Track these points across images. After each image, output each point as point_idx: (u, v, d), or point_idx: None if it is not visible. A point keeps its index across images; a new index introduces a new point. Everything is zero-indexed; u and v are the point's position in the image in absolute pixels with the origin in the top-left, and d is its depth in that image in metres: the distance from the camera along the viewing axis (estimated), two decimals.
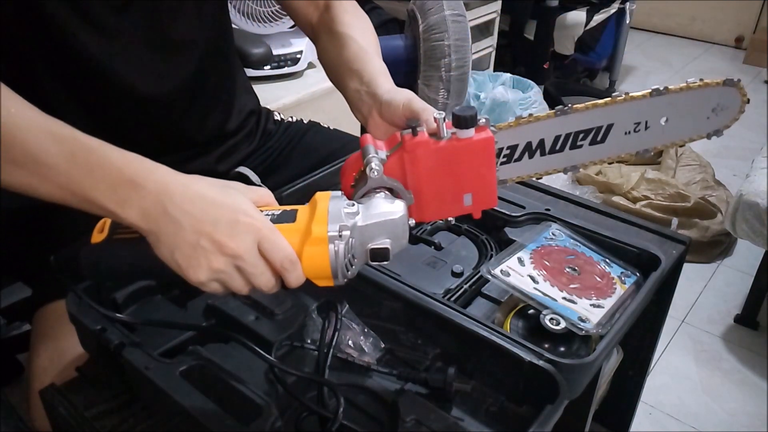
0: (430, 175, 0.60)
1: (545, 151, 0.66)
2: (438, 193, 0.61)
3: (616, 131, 0.66)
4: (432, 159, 0.60)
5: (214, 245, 0.53)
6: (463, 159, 0.60)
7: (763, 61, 3.54)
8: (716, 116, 0.67)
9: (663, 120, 0.66)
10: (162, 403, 0.60)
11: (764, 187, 1.57)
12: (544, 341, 0.68)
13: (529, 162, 0.66)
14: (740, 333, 1.79)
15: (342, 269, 0.56)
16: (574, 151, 0.66)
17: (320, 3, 0.90)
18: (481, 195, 0.62)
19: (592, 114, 0.65)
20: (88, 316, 0.66)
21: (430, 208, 0.62)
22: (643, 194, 2.13)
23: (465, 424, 0.61)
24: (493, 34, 2.69)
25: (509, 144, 0.65)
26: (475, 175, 0.61)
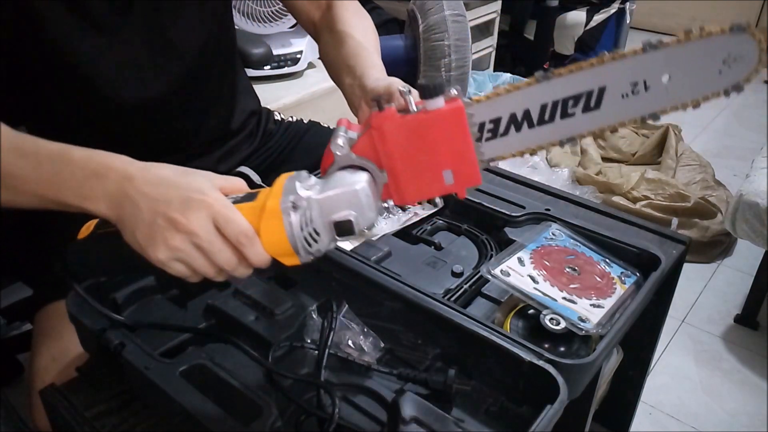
0: (402, 151, 0.58)
1: (533, 123, 0.59)
2: (414, 171, 0.58)
3: (611, 95, 0.58)
4: (401, 134, 0.57)
5: (168, 223, 0.54)
6: (434, 132, 0.57)
7: None
8: (729, 69, 0.57)
9: (665, 78, 0.57)
10: (162, 403, 0.60)
11: (764, 187, 1.57)
12: (544, 341, 0.68)
13: (518, 136, 0.60)
14: (740, 333, 1.78)
15: (302, 243, 0.55)
16: (566, 121, 0.59)
17: (322, 2, 0.91)
18: (461, 171, 0.59)
19: (578, 78, 0.58)
20: (88, 316, 0.66)
21: (409, 189, 0.59)
22: (643, 194, 2.12)
23: (465, 424, 0.61)
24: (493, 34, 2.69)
25: (491, 117, 0.60)
26: (450, 149, 0.58)
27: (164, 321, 0.70)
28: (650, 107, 0.58)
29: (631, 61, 0.57)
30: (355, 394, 0.63)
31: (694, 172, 2.31)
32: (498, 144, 0.60)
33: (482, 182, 0.61)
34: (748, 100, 3.24)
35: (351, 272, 0.74)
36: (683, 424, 1.50)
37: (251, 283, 0.72)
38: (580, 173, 2.26)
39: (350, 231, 0.56)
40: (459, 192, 0.60)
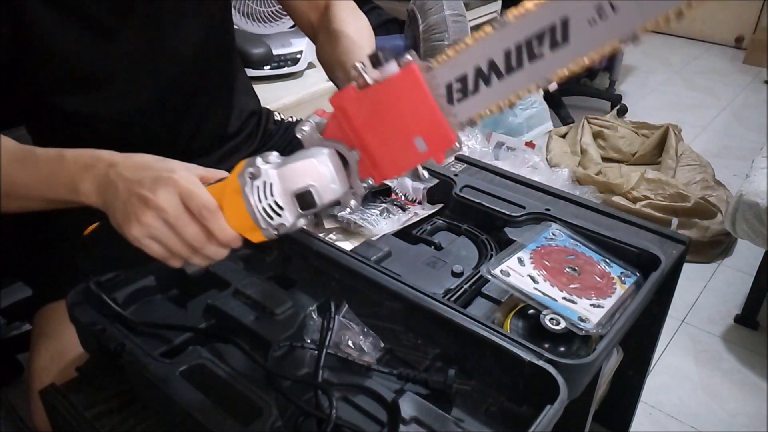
0: (368, 126, 0.57)
1: (501, 73, 0.55)
2: (385, 144, 0.57)
3: (577, 24, 0.53)
4: (361, 108, 0.56)
5: (140, 200, 0.57)
6: (393, 99, 0.55)
7: (763, 61, 3.54)
8: None
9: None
10: (162, 403, 0.60)
11: (764, 187, 1.57)
12: (544, 341, 0.68)
13: (489, 90, 0.56)
14: (740, 333, 1.78)
15: (262, 215, 0.56)
16: (536, 63, 0.54)
17: (320, 4, 0.92)
18: (432, 136, 0.56)
19: (534, 15, 0.53)
20: (88, 316, 0.66)
21: (384, 163, 0.58)
22: (643, 194, 2.12)
23: (465, 424, 0.61)
24: None
25: (456, 76, 0.56)
26: (414, 114, 0.56)
27: (164, 321, 0.70)
28: (624, 28, 0.52)
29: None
30: (354, 394, 0.63)
31: (694, 172, 2.31)
32: (471, 102, 0.57)
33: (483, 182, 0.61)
34: (748, 100, 3.25)
35: (351, 272, 0.74)
36: (683, 424, 1.50)
37: (251, 283, 0.72)
38: (580, 173, 2.26)
39: (311, 203, 0.57)
40: (435, 157, 0.57)
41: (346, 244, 0.84)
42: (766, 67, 3.49)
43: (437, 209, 0.93)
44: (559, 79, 0.55)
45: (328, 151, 0.57)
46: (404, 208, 0.92)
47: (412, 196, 0.95)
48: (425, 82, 0.55)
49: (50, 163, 0.66)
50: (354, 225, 0.86)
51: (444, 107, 0.56)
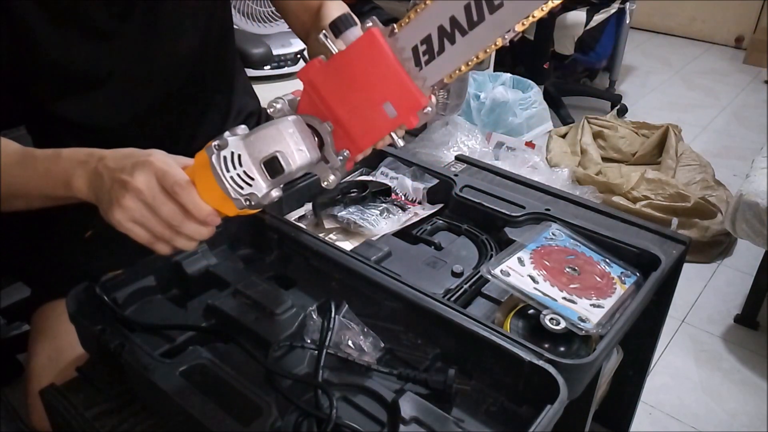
0: (337, 95, 0.57)
1: (465, 29, 0.55)
2: (355, 113, 0.57)
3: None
4: (328, 77, 0.57)
5: (120, 184, 0.59)
6: (357, 66, 0.55)
7: (763, 61, 3.54)
8: None
9: None
10: (162, 403, 0.60)
11: (764, 187, 1.57)
12: (544, 341, 0.68)
13: (455, 48, 0.56)
14: (740, 333, 1.79)
15: (232, 185, 0.57)
16: (497, 14, 0.53)
17: (313, 5, 0.94)
18: (400, 99, 0.56)
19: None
20: (88, 316, 0.66)
21: (357, 132, 0.58)
22: (643, 194, 2.12)
23: (465, 424, 0.61)
24: None
25: (421, 38, 0.56)
26: (379, 79, 0.55)
27: (164, 321, 0.70)
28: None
29: None
30: (354, 394, 0.63)
31: (694, 172, 2.31)
32: (439, 64, 0.56)
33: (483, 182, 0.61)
34: (748, 100, 3.25)
35: (351, 272, 0.74)
36: (683, 424, 1.50)
37: (251, 283, 0.72)
38: (580, 173, 2.26)
39: (279, 169, 0.57)
40: (406, 122, 0.57)
41: (346, 244, 0.84)
42: (766, 67, 3.49)
43: (437, 209, 0.93)
44: (523, 28, 0.53)
45: (293, 117, 0.58)
46: (404, 208, 0.92)
47: (412, 196, 0.95)
48: (388, 46, 0.55)
49: (47, 161, 0.68)
50: (354, 225, 0.86)
51: (411, 70, 0.56)
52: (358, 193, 0.91)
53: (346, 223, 0.86)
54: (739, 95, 3.30)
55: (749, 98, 3.26)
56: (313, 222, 0.89)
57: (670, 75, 3.58)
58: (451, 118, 2.26)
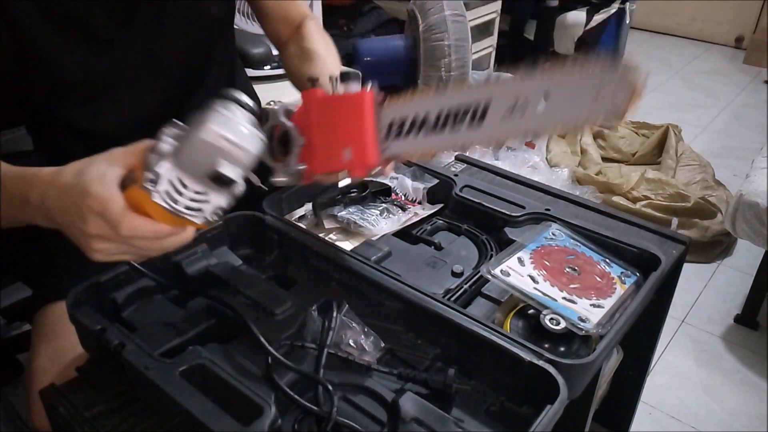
0: (318, 123, 0.66)
1: (430, 128, 0.65)
2: (324, 143, 0.66)
3: (494, 112, 0.63)
4: (319, 108, 0.66)
5: (80, 233, 0.58)
6: (342, 110, 0.65)
7: (763, 61, 3.54)
8: (603, 103, 0.59)
9: (541, 103, 0.61)
10: (162, 403, 0.60)
11: (764, 187, 1.57)
12: (544, 341, 0.68)
13: (417, 138, 0.66)
14: (740, 333, 1.78)
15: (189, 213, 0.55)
16: (455, 131, 0.64)
17: (294, 22, 0.99)
18: (359, 151, 0.65)
19: (469, 92, 0.64)
20: (88, 316, 0.66)
21: (318, 158, 0.67)
22: (643, 194, 2.12)
23: (465, 424, 0.61)
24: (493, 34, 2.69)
25: (399, 116, 0.66)
26: (353, 128, 0.65)
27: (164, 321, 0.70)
28: (527, 127, 0.63)
29: (516, 83, 0.63)
30: (355, 394, 0.63)
31: (694, 172, 2.31)
32: (401, 142, 0.66)
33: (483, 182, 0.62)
34: (748, 100, 3.25)
35: (351, 272, 0.74)
36: (683, 424, 1.50)
37: (251, 283, 0.72)
38: (580, 173, 2.26)
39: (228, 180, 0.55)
40: (354, 170, 0.66)
41: (346, 244, 0.84)
42: (766, 67, 3.49)
43: (437, 209, 0.93)
44: (466, 148, 0.65)
45: (217, 108, 0.56)
46: (404, 208, 0.92)
47: (412, 196, 0.95)
48: (372, 110, 0.65)
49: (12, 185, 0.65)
50: (354, 225, 0.86)
51: (380, 137, 0.66)
52: (358, 193, 0.91)
53: (346, 223, 0.86)
54: (739, 95, 3.30)
55: (749, 98, 3.26)
56: (313, 222, 0.89)
57: (670, 75, 3.58)
58: None
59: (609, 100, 0.59)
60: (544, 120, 0.62)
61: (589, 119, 0.61)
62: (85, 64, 0.80)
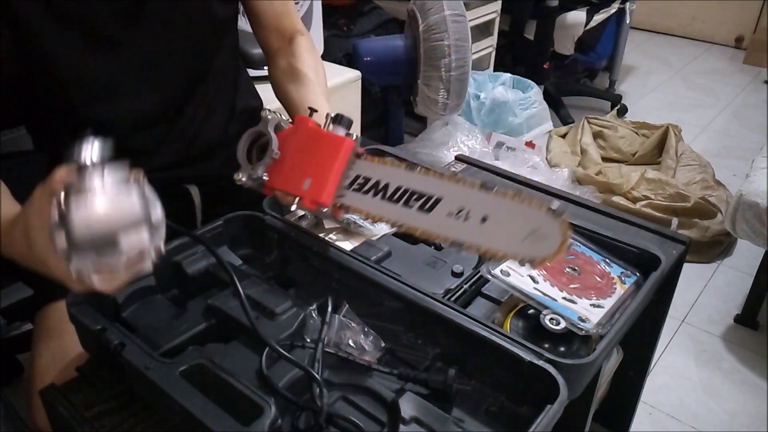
0: (296, 147, 0.72)
1: (386, 197, 0.69)
2: (292, 166, 0.72)
3: (442, 209, 0.66)
4: (304, 136, 0.73)
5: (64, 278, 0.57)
6: (321, 147, 0.71)
7: (763, 61, 3.54)
8: (533, 242, 0.61)
9: (480, 220, 0.64)
10: (162, 403, 0.60)
11: (764, 187, 1.57)
12: (544, 341, 0.68)
13: (372, 200, 0.70)
14: (740, 333, 1.79)
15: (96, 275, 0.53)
16: (404, 209, 0.68)
17: (286, 34, 1.00)
18: (317, 186, 0.70)
19: (429, 179, 0.68)
20: (88, 316, 0.66)
21: (281, 176, 0.73)
22: (643, 194, 2.12)
23: (465, 424, 0.61)
24: (493, 34, 2.68)
25: (366, 174, 0.71)
26: (321, 164, 0.71)
27: (164, 321, 0.70)
28: (462, 236, 0.65)
29: (468, 191, 0.66)
30: (355, 394, 0.63)
31: (694, 172, 2.31)
32: (357, 197, 0.71)
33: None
34: (748, 100, 3.25)
35: (351, 272, 0.74)
36: (683, 424, 1.50)
37: (251, 283, 0.72)
38: (580, 173, 2.26)
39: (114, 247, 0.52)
40: (305, 200, 0.71)
41: (346, 244, 0.84)
42: (766, 67, 3.49)
43: None
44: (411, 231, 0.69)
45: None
46: None
47: None
48: (347, 157, 0.71)
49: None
50: (354, 225, 0.86)
51: (342, 184, 0.71)
52: None
53: (346, 223, 0.86)
54: (739, 95, 3.30)
55: (749, 98, 3.26)
56: (313, 222, 0.88)
57: (670, 75, 3.58)
58: (451, 118, 2.26)
59: (536, 244, 0.61)
60: (476, 236, 0.64)
61: (510, 253, 0.63)
62: (89, 64, 0.80)
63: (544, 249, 0.60)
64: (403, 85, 2.21)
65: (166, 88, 0.89)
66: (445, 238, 0.66)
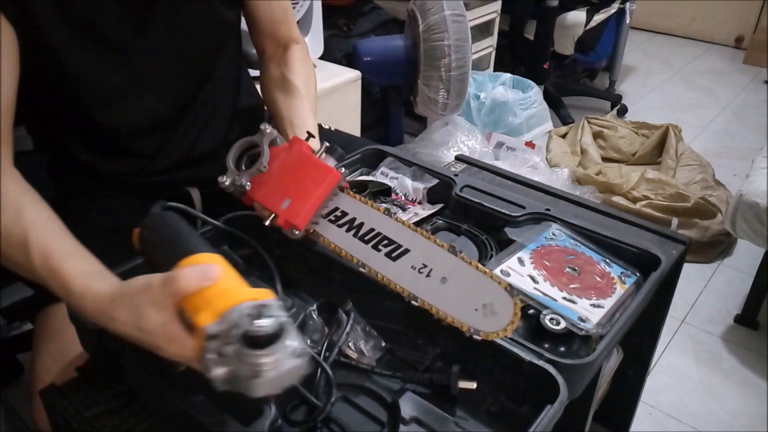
0: (284, 166, 0.75)
1: (357, 234, 0.72)
2: (276, 182, 0.74)
3: (407, 260, 0.68)
4: (296, 157, 0.75)
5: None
6: (308, 171, 0.74)
7: (763, 61, 3.54)
8: (484, 314, 0.62)
9: (441, 280, 0.66)
10: (162, 403, 0.60)
11: (764, 187, 1.57)
12: (544, 341, 0.68)
13: (344, 234, 0.73)
14: (740, 333, 1.78)
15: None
16: (371, 251, 0.70)
17: (282, 41, 1.00)
18: (294, 208, 0.73)
19: (402, 230, 0.70)
20: None
21: (264, 189, 0.75)
22: (643, 194, 2.12)
23: (465, 424, 0.61)
24: (493, 34, 2.68)
25: (344, 209, 0.74)
26: (304, 189, 0.73)
27: None
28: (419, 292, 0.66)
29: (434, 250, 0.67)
30: (355, 395, 0.63)
31: (694, 172, 2.31)
32: (330, 228, 0.74)
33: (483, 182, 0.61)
34: (748, 100, 3.25)
35: (351, 272, 0.74)
36: (683, 424, 1.50)
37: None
38: (580, 173, 2.26)
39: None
40: (280, 219, 0.73)
41: None
42: (766, 67, 3.49)
43: (437, 209, 0.93)
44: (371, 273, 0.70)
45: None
46: (404, 208, 0.92)
47: (412, 196, 0.95)
48: (331, 187, 0.73)
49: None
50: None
51: (319, 210, 0.74)
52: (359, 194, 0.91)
53: None
54: (739, 95, 3.30)
55: (749, 98, 3.26)
56: None
57: (670, 75, 3.58)
58: (451, 118, 2.26)
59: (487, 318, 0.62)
60: (432, 295, 0.66)
61: (458, 320, 0.64)
62: (99, 69, 0.81)
63: (493, 324, 0.61)
64: (403, 85, 2.21)
65: (172, 91, 0.89)
66: (402, 289, 0.67)
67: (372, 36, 2.30)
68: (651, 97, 3.29)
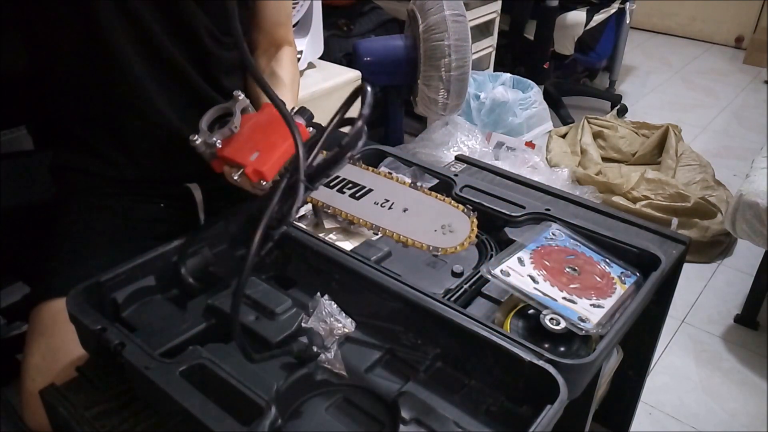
0: (255, 125, 0.78)
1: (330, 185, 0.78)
2: (245, 138, 0.77)
3: (370, 198, 0.77)
4: (263, 116, 0.80)
5: None
6: (276, 127, 0.76)
7: (763, 61, 3.54)
8: (444, 234, 0.72)
9: (402, 210, 0.75)
10: (162, 403, 0.60)
11: (764, 187, 1.57)
12: (544, 341, 0.68)
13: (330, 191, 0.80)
14: (740, 333, 1.78)
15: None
16: (335, 194, 0.77)
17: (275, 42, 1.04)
18: (262, 158, 0.75)
19: (362, 172, 0.79)
20: (88, 316, 0.66)
21: (233, 146, 0.77)
22: (643, 194, 2.12)
23: (465, 424, 0.61)
24: (493, 34, 2.68)
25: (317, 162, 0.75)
26: (273, 142, 0.76)
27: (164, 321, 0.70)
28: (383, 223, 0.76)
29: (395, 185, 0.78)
30: (355, 394, 0.63)
31: (694, 172, 2.31)
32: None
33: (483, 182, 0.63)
34: (748, 100, 3.25)
35: (351, 272, 0.74)
36: (683, 424, 1.50)
37: (251, 283, 0.72)
38: (580, 173, 2.26)
39: None
40: (249, 168, 0.74)
41: (346, 244, 0.84)
42: (766, 67, 3.49)
43: None
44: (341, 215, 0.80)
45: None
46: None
47: None
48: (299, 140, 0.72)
49: None
50: (354, 226, 0.86)
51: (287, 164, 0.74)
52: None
53: (347, 223, 0.86)
54: (739, 95, 3.30)
55: (749, 98, 3.26)
56: (313, 222, 0.88)
57: (670, 75, 3.58)
58: (451, 118, 2.26)
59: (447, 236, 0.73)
60: (395, 224, 0.75)
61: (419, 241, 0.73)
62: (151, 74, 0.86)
63: (451, 241, 0.70)
64: (403, 85, 2.21)
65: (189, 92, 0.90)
66: (366, 222, 0.75)
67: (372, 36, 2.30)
68: (651, 97, 3.29)
